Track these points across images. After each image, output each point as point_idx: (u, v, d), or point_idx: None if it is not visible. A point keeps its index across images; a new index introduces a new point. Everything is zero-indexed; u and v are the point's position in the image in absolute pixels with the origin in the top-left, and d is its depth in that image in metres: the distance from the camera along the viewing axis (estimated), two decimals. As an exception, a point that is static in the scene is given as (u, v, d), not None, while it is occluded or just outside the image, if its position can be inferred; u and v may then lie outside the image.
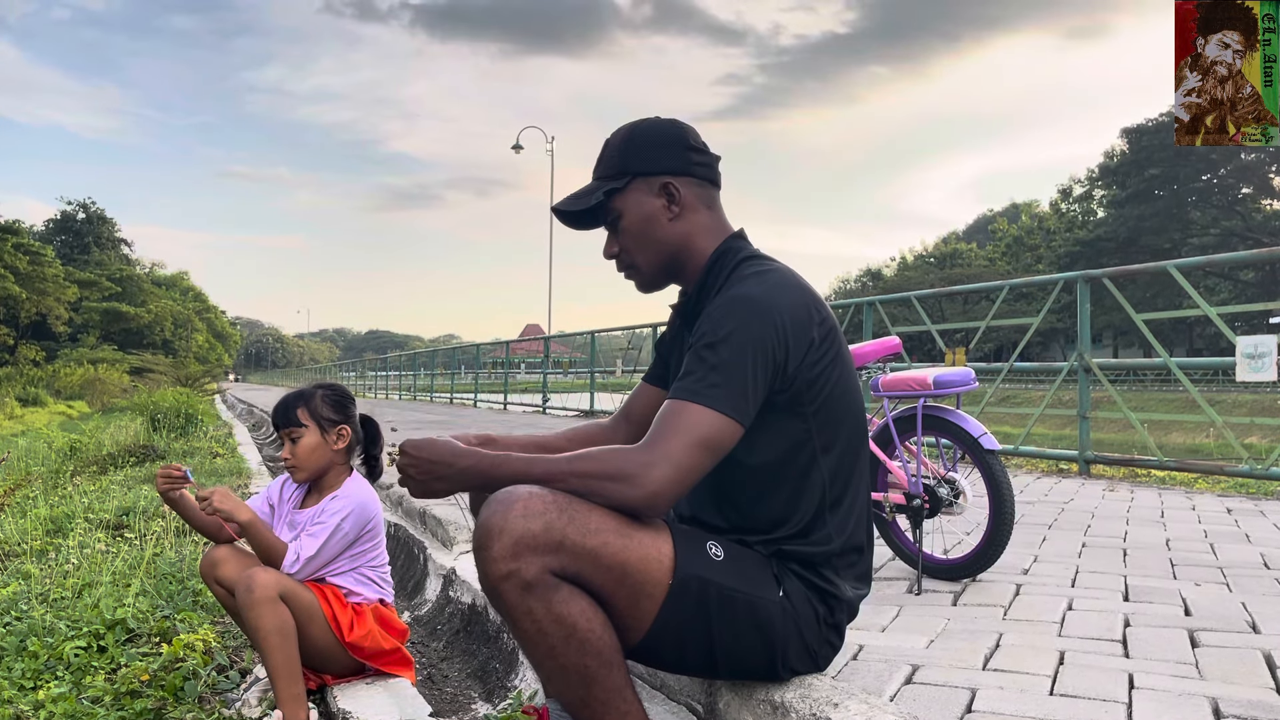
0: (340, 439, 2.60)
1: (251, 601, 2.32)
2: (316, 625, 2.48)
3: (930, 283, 76.99)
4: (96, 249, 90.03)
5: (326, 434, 2.58)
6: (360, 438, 2.70)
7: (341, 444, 2.61)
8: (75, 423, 47.97)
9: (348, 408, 2.65)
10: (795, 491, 1.87)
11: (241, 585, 2.35)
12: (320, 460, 2.58)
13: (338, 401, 2.63)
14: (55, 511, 5.55)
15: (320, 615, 2.50)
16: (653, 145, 1.98)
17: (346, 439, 2.62)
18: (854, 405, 1.93)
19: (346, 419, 2.63)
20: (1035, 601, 2.90)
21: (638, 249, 2.00)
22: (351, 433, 2.64)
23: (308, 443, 2.57)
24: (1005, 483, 3.02)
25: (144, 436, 9.77)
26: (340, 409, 2.62)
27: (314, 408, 2.58)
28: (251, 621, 2.32)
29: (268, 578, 2.38)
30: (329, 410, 2.60)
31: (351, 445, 2.65)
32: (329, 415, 2.59)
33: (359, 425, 2.69)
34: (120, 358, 71.34)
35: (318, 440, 2.57)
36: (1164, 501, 5.33)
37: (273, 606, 2.33)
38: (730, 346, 1.76)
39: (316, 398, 2.60)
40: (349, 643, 2.53)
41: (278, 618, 2.33)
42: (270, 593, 2.34)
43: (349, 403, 2.67)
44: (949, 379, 3.06)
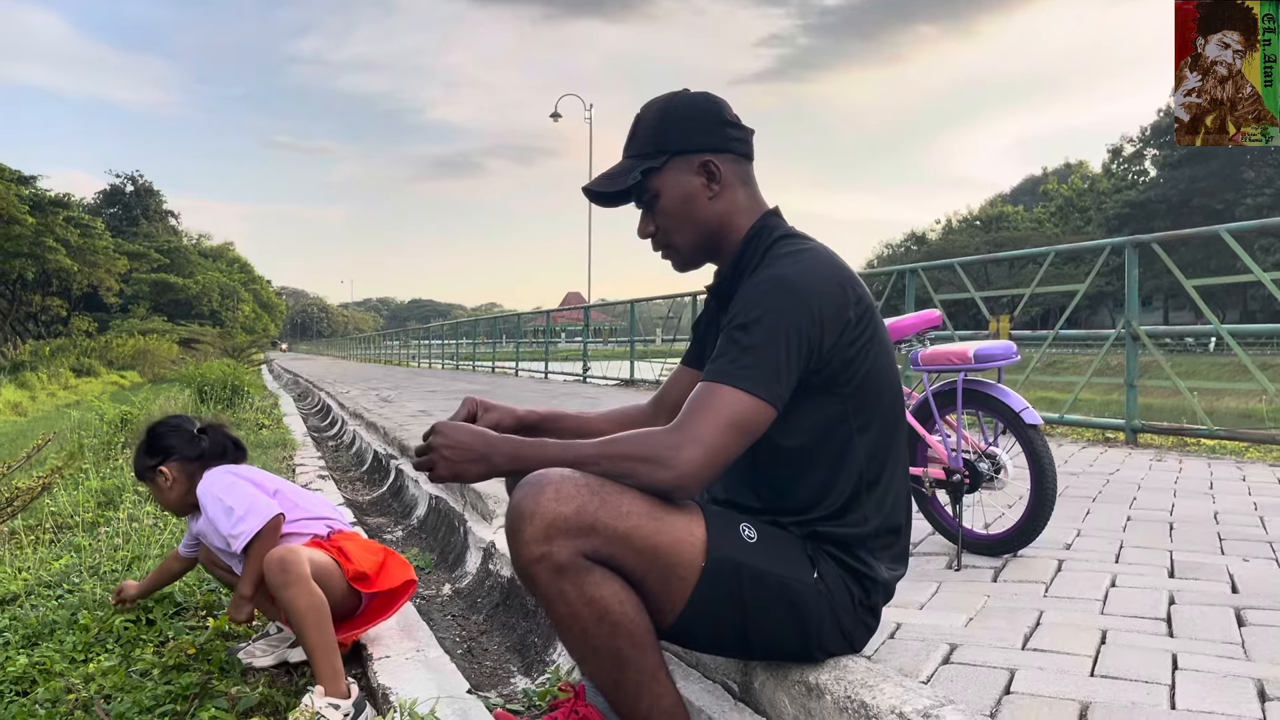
0: (163, 478, 2.69)
1: (287, 581, 2.35)
2: (334, 581, 2.52)
3: (975, 246, 75.88)
4: (145, 221, 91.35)
5: (155, 482, 2.70)
6: (202, 452, 2.73)
7: (169, 481, 2.69)
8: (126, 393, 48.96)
9: (161, 443, 2.71)
10: (831, 473, 1.85)
11: (274, 565, 2.38)
12: (170, 501, 2.72)
13: (150, 446, 2.71)
14: (106, 484, 5.67)
15: (337, 570, 2.54)
16: (690, 121, 1.94)
17: (169, 476, 2.69)
18: (891, 384, 1.90)
19: (165, 456, 2.69)
20: (1077, 578, 2.86)
21: (676, 229, 1.97)
22: (179, 464, 2.69)
23: (154, 494, 2.75)
24: (1047, 458, 2.98)
25: (193, 408, 9.93)
26: (154, 451, 2.70)
27: (138, 463, 2.72)
28: (287, 601, 2.35)
29: (295, 556, 2.40)
30: (146, 459, 2.71)
31: (187, 471, 2.70)
32: (147, 464, 2.71)
33: (195, 443, 2.73)
34: (170, 328, 72.60)
35: (155, 490, 2.72)
36: (1213, 472, 5.24)
37: (307, 585, 2.36)
38: (763, 328, 1.73)
39: (139, 452, 2.72)
40: (351, 578, 2.57)
41: (313, 595, 2.35)
42: (304, 570, 2.37)
43: (163, 436, 2.72)
44: (990, 352, 3.01)
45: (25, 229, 52.84)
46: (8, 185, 52.00)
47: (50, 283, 65.47)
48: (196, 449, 2.72)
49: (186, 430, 2.74)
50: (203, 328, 60.96)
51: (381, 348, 55.29)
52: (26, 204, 53.72)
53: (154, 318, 75.38)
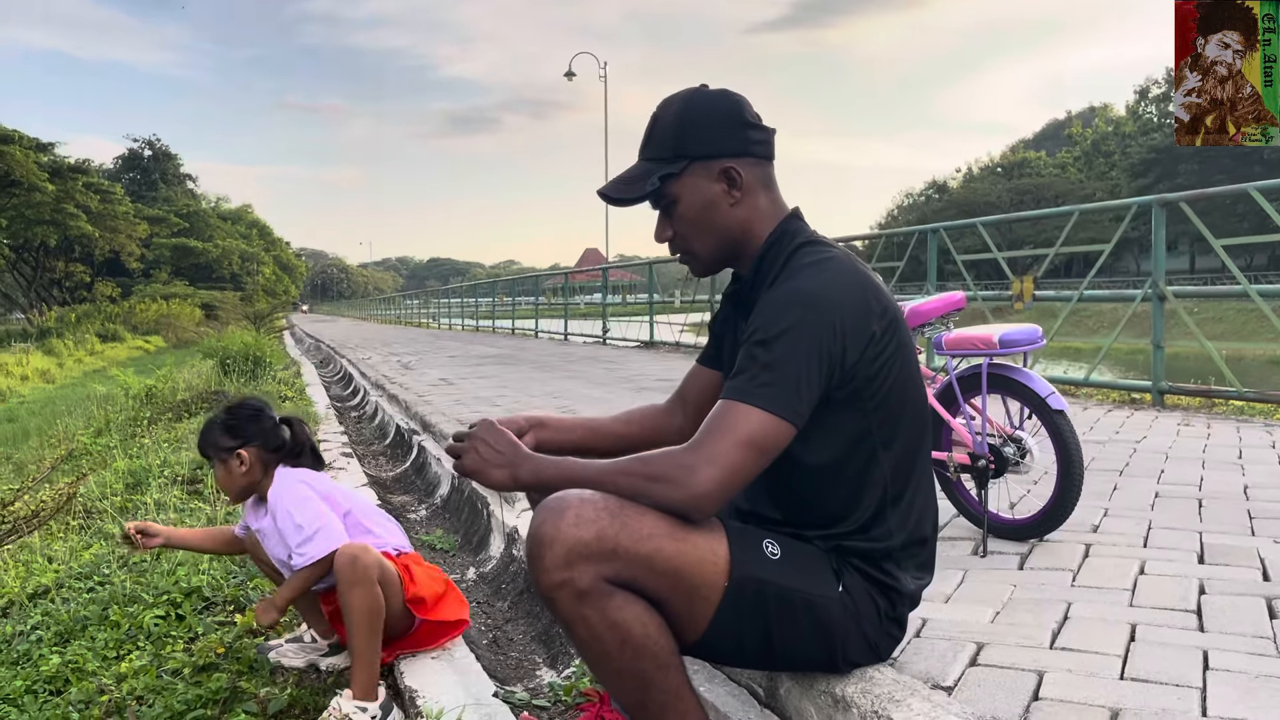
0: (241, 463, 2.57)
1: (355, 579, 2.34)
2: (394, 595, 2.49)
3: (997, 194, 75.00)
4: (164, 185, 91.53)
5: (228, 464, 2.57)
6: (280, 445, 2.63)
7: (244, 467, 2.57)
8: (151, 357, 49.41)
9: (244, 429, 2.59)
10: (856, 489, 1.83)
11: (346, 560, 2.36)
12: (236, 486, 2.60)
13: (232, 426, 2.59)
14: (134, 464, 5.72)
15: (399, 586, 2.51)
16: (710, 125, 1.88)
17: (247, 462, 2.57)
18: (916, 397, 1.87)
19: (245, 441, 2.58)
20: (1105, 565, 2.84)
21: (695, 236, 1.93)
22: (257, 451, 2.58)
23: (217, 474, 2.61)
24: (1074, 443, 2.94)
25: (215, 380, 10.00)
26: (234, 433, 2.58)
27: (210, 439, 2.58)
28: (348, 598, 2.34)
29: (368, 556, 2.39)
30: (223, 439, 2.57)
31: (263, 460, 2.60)
32: (223, 444, 2.57)
33: (275, 434, 2.62)
34: (192, 293, 72.98)
35: (223, 471, 2.59)
36: (1242, 438, 5.17)
37: (372, 588, 2.35)
38: (783, 344, 1.70)
39: (215, 428, 2.59)
40: (409, 599, 2.54)
41: (375, 599, 2.36)
42: (373, 574, 2.37)
43: (249, 422, 2.61)
44: (1015, 337, 2.97)
45: (45, 196, 53.09)
46: (26, 153, 52.20)
47: (72, 249, 65.88)
48: (278, 440, 2.63)
49: (269, 418, 2.65)
50: (224, 294, 61.24)
51: (401, 308, 55.50)
52: (46, 171, 53.93)
53: (176, 282, 75.76)
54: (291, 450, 2.66)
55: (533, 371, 11.36)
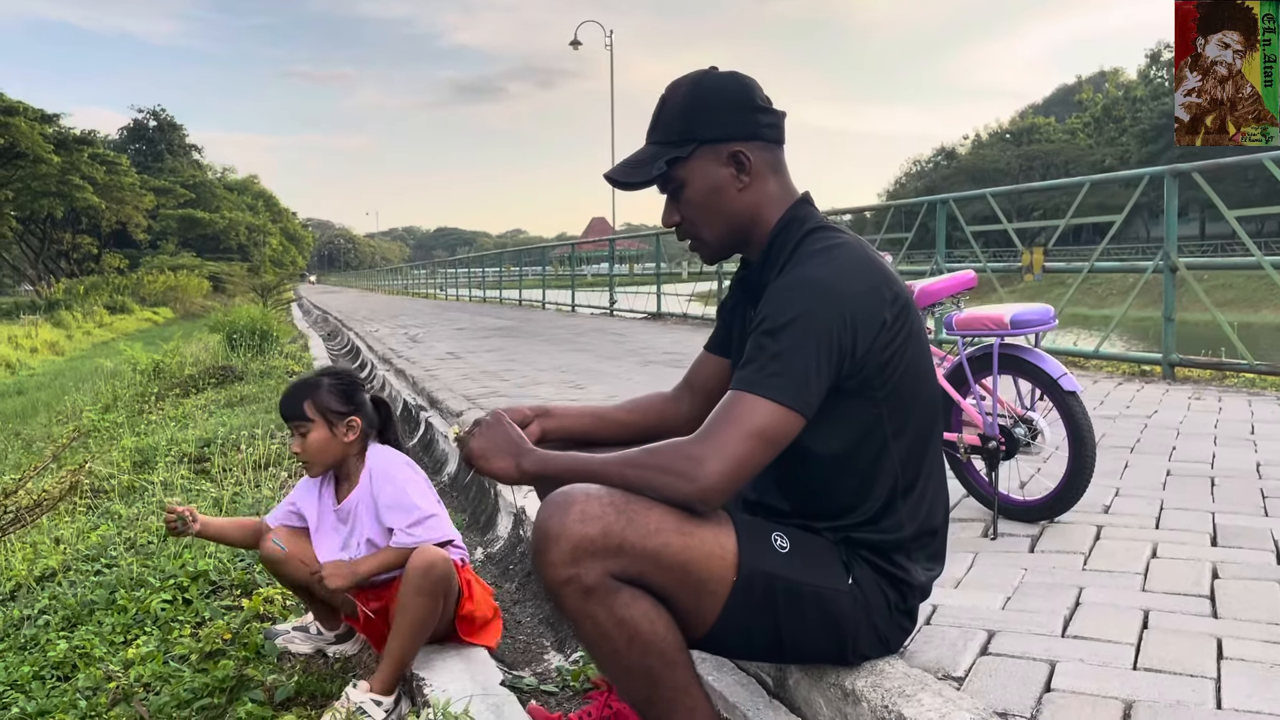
0: (350, 430, 2.51)
1: (425, 588, 2.31)
2: (449, 609, 2.46)
3: (1006, 161, 74.50)
4: (169, 156, 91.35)
5: (335, 427, 2.49)
6: (374, 422, 2.60)
7: (352, 435, 2.51)
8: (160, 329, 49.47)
9: (355, 395, 2.55)
10: (866, 480, 1.80)
11: (424, 567, 2.32)
12: (332, 454, 2.51)
13: (345, 391, 2.53)
14: (141, 442, 5.73)
15: (455, 601, 2.47)
16: (719, 108, 1.84)
17: (356, 430, 2.52)
18: (927, 385, 1.84)
19: (356, 408, 2.52)
20: (1117, 548, 2.81)
21: (703, 221, 1.89)
22: (362, 421, 2.53)
23: (316, 437, 2.49)
24: (1086, 425, 2.91)
25: (222, 355, 10.00)
26: (347, 398, 2.52)
27: (320, 401, 2.48)
28: (409, 602, 2.31)
29: (449, 571, 2.36)
30: (336, 402, 2.49)
31: (364, 433, 2.56)
32: (336, 408, 2.49)
33: (370, 410, 2.59)
34: (199, 264, 73.04)
35: (326, 435, 2.49)
36: (1254, 412, 5.13)
37: (436, 603, 2.33)
38: (792, 333, 1.67)
39: (323, 389, 2.51)
40: (461, 615, 2.51)
41: (433, 614, 2.34)
42: (442, 587, 2.34)
43: (357, 390, 2.57)
44: (1027, 318, 2.92)
45: (51, 168, 53.02)
46: (32, 124, 52.06)
47: (79, 221, 65.94)
48: (379, 417, 2.61)
49: (365, 393, 2.60)
50: (232, 266, 61.21)
51: (409, 279, 55.48)
52: (51, 143, 53.80)
53: (183, 253, 75.85)
54: (382, 429, 2.64)
55: (540, 344, 11.34)
